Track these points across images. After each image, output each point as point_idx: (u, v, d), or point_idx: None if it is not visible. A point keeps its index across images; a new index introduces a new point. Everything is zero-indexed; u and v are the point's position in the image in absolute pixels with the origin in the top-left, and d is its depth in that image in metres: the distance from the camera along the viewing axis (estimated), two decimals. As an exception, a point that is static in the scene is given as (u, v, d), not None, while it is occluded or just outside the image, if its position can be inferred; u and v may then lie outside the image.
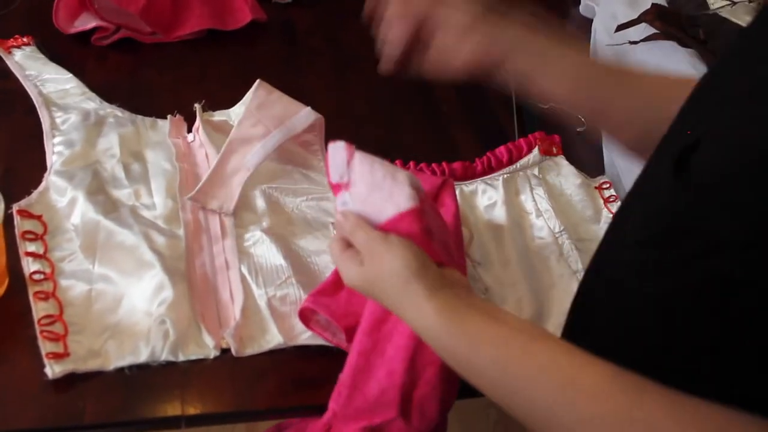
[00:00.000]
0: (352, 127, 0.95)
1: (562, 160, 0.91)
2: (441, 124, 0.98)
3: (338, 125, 0.89)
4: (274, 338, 0.67)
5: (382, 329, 0.59)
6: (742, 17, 1.10)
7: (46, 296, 0.68)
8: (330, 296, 0.67)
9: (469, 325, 0.48)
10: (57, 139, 0.83)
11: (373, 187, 0.54)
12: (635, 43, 1.00)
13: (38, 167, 0.80)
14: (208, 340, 0.66)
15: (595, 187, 0.91)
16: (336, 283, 0.70)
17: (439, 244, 0.54)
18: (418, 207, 0.53)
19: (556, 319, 0.72)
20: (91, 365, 0.63)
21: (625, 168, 0.92)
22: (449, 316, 0.49)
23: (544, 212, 0.84)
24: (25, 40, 0.97)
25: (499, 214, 0.83)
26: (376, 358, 0.58)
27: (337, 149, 0.56)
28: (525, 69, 0.61)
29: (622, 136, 0.63)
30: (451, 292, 0.50)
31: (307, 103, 0.83)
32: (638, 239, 0.47)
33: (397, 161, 0.88)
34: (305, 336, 0.68)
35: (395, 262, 0.51)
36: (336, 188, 0.56)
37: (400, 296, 0.51)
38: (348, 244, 0.55)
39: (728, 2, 1.11)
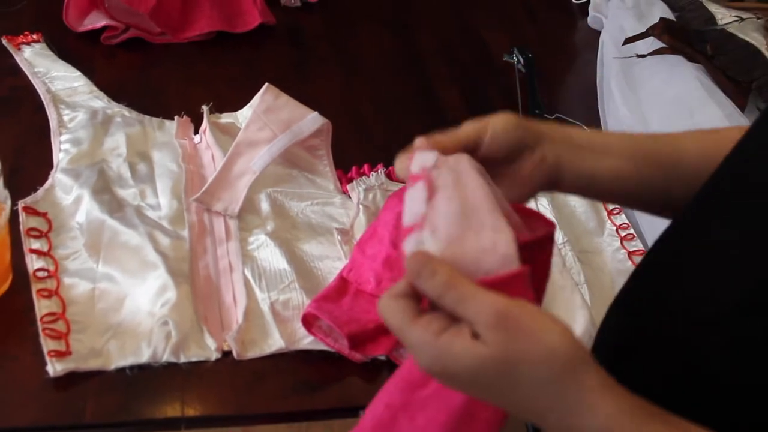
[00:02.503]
0: (358, 133, 0.95)
1: (567, 172, 0.91)
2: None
3: (345, 130, 0.90)
4: (275, 342, 0.67)
5: (417, 393, 0.48)
6: (750, 33, 1.10)
7: (49, 294, 0.68)
8: (333, 302, 0.67)
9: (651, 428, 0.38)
10: (64, 137, 0.83)
11: (465, 227, 0.40)
12: (643, 56, 1.01)
13: (45, 164, 0.80)
14: (210, 343, 0.66)
15: (600, 200, 0.91)
16: (339, 289, 0.70)
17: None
18: (530, 267, 0.40)
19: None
20: (93, 364, 0.63)
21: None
22: (630, 418, 0.37)
23: (548, 223, 0.84)
24: (34, 37, 0.98)
25: (503, 224, 0.83)
26: (404, 420, 0.49)
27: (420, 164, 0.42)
28: (584, 171, 0.52)
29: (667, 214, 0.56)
30: (619, 387, 0.39)
31: (314, 108, 0.83)
32: (741, 308, 0.40)
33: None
34: (307, 341, 0.68)
35: (557, 342, 0.37)
36: (406, 231, 0.41)
37: (555, 388, 0.37)
38: (416, 302, 0.40)
39: (736, 18, 1.11)
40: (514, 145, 0.50)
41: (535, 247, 0.45)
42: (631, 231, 0.87)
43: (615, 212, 0.89)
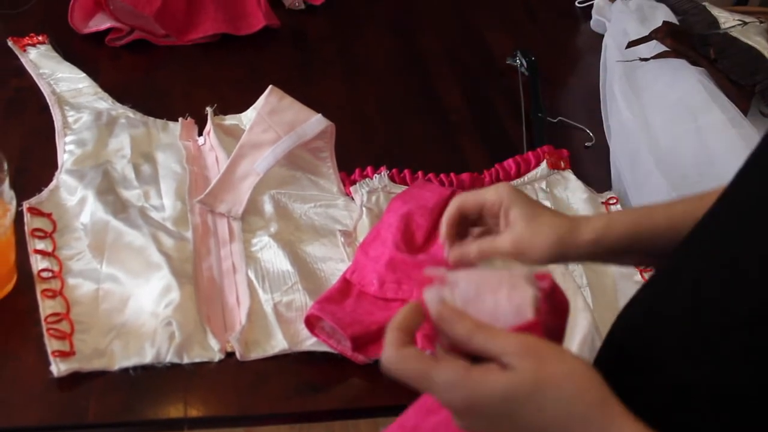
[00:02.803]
0: (362, 135, 0.95)
1: (569, 175, 0.92)
2: (450, 134, 0.99)
3: (349, 133, 0.90)
4: (279, 343, 0.68)
5: (429, 418, 0.50)
6: (753, 37, 1.10)
7: (53, 294, 0.68)
8: (336, 304, 0.68)
9: None
10: (69, 138, 0.84)
11: (484, 288, 0.44)
12: (646, 59, 1.01)
13: (49, 165, 0.80)
14: (214, 344, 0.66)
15: (602, 202, 0.91)
16: (342, 290, 0.70)
17: None
18: (541, 318, 0.43)
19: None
20: (97, 365, 0.64)
21: (632, 183, 0.92)
22: None
23: (551, 226, 0.84)
24: (39, 38, 0.98)
25: (506, 227, 0.83)
26: None
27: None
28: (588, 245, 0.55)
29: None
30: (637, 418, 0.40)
31: (317, 110, 0.84)
32: (751, 320, 0.40)
33: (406, 170, 0.88)
34: (310, 342, 0.68)
35: (582, 368, 0.39)
36: (428, 280, 0.45)
37: (583, 409, 0.39)
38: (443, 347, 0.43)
39: (739, 22, 1.11)
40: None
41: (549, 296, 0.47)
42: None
43: (617, 215, 0.89)
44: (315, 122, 0.83)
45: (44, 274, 0.69)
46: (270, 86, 0.85)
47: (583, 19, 1.24)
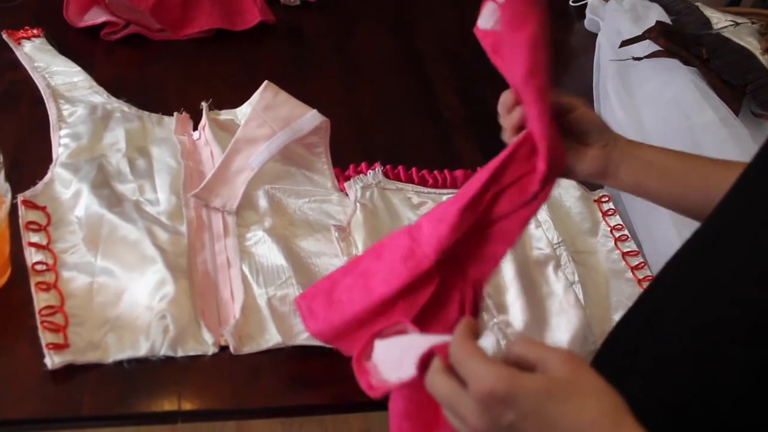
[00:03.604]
0: (357, 131, 0.96)
1: (562, 172, 0.92)
2: (445, 131, 0.99)
3: (343, 129, 0.90)
4: (272, 337, 0.68)
5: (422, 413, 0.52)
6: (745, 37, 1.11)
7: (47, 287, 0.68)
8: (324, 295, 0.66)
9: None
10: (63, 132, 0.84)
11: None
12: (639, 59, 1.02)
13: (44, 159, 0.80)
14: (208, 337, 0.67)
15: (594, 200, 0.92)
16: (344, 271, 0.66)
17: None
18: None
19: (553, 330, 0.73)
20: (91, 357, 0.64)
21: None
22: None
23: (543, 223, 0.85)
24: (34, 31, 0.98)
25: (499, 223, 0.84)
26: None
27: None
28: (635, 179, 0.63)
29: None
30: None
31: (312, 106, 0.84)
32: (749, 296, 0.42)
33: (400, 167, 0.89)
34: (303, 336, 0.69)
35: (610, 388, 0.41)
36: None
37: (614, 419, 0.40)
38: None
39: (731, 23, 1.12)
40: (593, 126, 0.62)
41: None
42: (625, 232, 0.88)
43: (609, 213, 0.90)
44: (310, 118, 0.83)
45: (38, 267, 0.69)
46: (265, 82, 0.85)
47: (577, 18, 1.25)
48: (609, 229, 0.88)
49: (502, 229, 0.57)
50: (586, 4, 1.23)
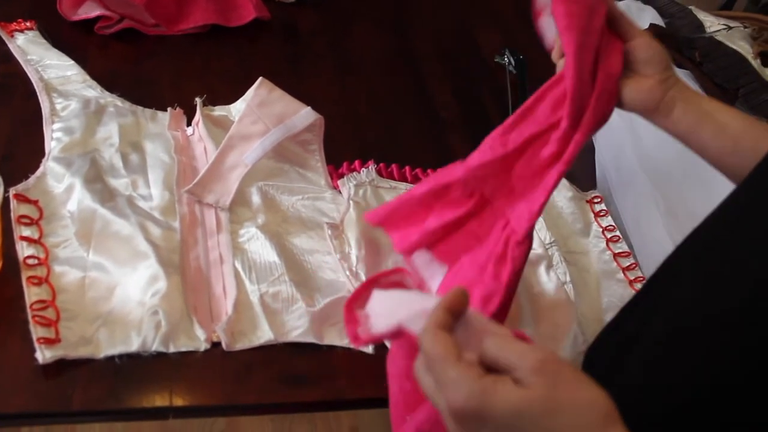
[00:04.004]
0: (351, 129, 0.96)
1: (555, 173, 0.93)
2: (439, 130, 0.99)
3: (338, 126, 0.90)
4: (264, 334, 0.68)
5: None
6: (737, 41, 1.12)
7: (39, 281, 0.68)
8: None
9: None
10: (56, 126, 0.83)
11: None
12: (632, 61, 1.02)
13: (37, 152, 0.80)
14: (200, 333, 0.67)
15: (586, 201, 0.92)
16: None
17: None
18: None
19: (546, 328, 0.74)
20: (82, 352, 0.64)
21: (616, 183, 0.93)
22: None
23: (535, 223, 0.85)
24: (28, 24, 0.97)
25: (492, 223, 0.84)
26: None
27: None
28: (687, 124, 0.61)
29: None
30: None
31: (307, 103, 0.84)
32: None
33: (393, 165, 0.89)
34: (295, 333, 0.69)
35: (596, 393, 0.38)
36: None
37: None
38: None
39: (724, 26, 1.13)
40: (654, 57, 0.61)
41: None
42: (617, 233, 0.88)
43: (601, 214, 0.91)
44: (304, 115, 0.83)
45: (30, 261, 0.69)
46: (260, 78, 0.85)
47: (572, 19, 1.25)
48: (601, 229, 0.89)
49: (532, 184, 0.58)
50: (581, 5, 1.23)
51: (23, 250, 0.70)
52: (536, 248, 0.82)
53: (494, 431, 0.39)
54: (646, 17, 1.11)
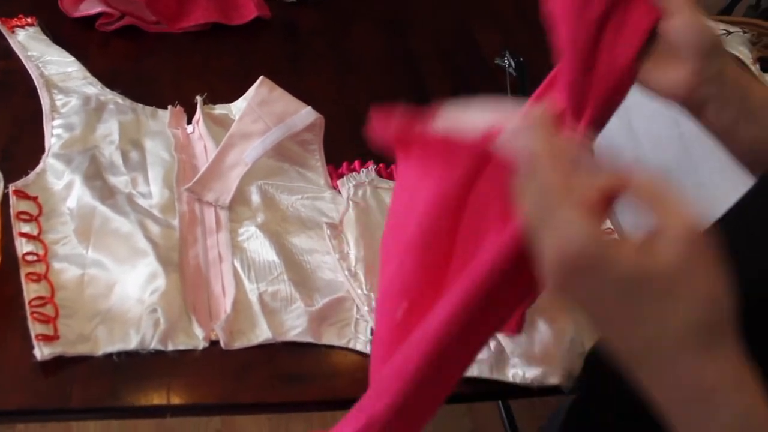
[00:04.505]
0: (351, 129, 0.96)
1: (554, 175, 0.93)
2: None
3: (338, 126, 0.90)
4: (263, 333, 0.68)
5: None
6: (737, 47, 1.12)
7: (38, 278, 0.68)
8: None
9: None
10: (56, 122, 0.83)
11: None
12: (632, 64, 1.02)
13: (36, 149, 0.80)
14: (198, 332, 0.67)
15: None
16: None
17: None
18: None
19: (544, 330, 0.74)
20: (81, 349, 0.64)
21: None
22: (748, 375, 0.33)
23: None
24: (29, 20, 0.97)
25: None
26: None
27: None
28: (726, 121, 0.53)
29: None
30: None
31: (307, 102, 0.84)
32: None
33: (393, 166, 0.89)
34: (294, 332, 0.69)
35: (724, 292, 0.33)
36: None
37: (709, 337, 0.32)
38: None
39: (724, 32, 1.13)
40: (691, 42, 0.50)
41: None
42: (616, 236, 0.89)
43: (600, 217, 0.91)
44: (304, 114, 0.83)
45: (29, 258, 0.69)
46: (261, 77, 0.85)
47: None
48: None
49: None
50: (581, 8, 1.23)
51: (22, 247, 0.70)
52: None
53: (599, 294, 0.33)
54: (646, 21, 1.11)
